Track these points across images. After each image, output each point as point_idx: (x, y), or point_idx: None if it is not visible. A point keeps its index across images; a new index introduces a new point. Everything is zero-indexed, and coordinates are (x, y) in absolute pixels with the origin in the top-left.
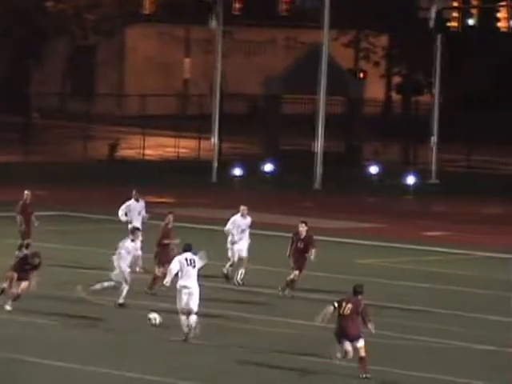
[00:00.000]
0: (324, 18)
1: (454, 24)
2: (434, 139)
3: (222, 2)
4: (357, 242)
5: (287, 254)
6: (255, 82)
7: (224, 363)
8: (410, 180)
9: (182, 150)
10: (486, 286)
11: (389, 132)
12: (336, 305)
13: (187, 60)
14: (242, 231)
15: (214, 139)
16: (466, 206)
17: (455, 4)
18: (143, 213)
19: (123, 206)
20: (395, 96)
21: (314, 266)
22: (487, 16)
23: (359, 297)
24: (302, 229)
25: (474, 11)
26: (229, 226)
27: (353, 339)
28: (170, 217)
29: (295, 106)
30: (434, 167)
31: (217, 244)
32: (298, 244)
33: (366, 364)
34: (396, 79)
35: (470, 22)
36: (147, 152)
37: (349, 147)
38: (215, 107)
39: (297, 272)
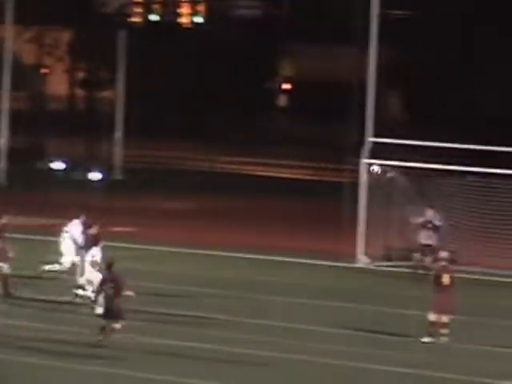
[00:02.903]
0: (7, 13)
1: (137, 19)
2: (117, 135)
3: None
4: (42, 238)
5: None
6: None
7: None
8: (95, 176)
9: None
10: (176, 280)
11: (74, 127)
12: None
13: None
14: None
15: None
16: (151, 201)
17: None
18: None
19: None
20: (80, 92)
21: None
22: (171, 12)
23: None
24: None
25: (156, 7)
26: None
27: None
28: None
29: None
30: (118, 163)
31: None
32: None
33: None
34: (80, 75)
35: (153, 17)
36: None
37: (34, 143)
38: None
39: None
